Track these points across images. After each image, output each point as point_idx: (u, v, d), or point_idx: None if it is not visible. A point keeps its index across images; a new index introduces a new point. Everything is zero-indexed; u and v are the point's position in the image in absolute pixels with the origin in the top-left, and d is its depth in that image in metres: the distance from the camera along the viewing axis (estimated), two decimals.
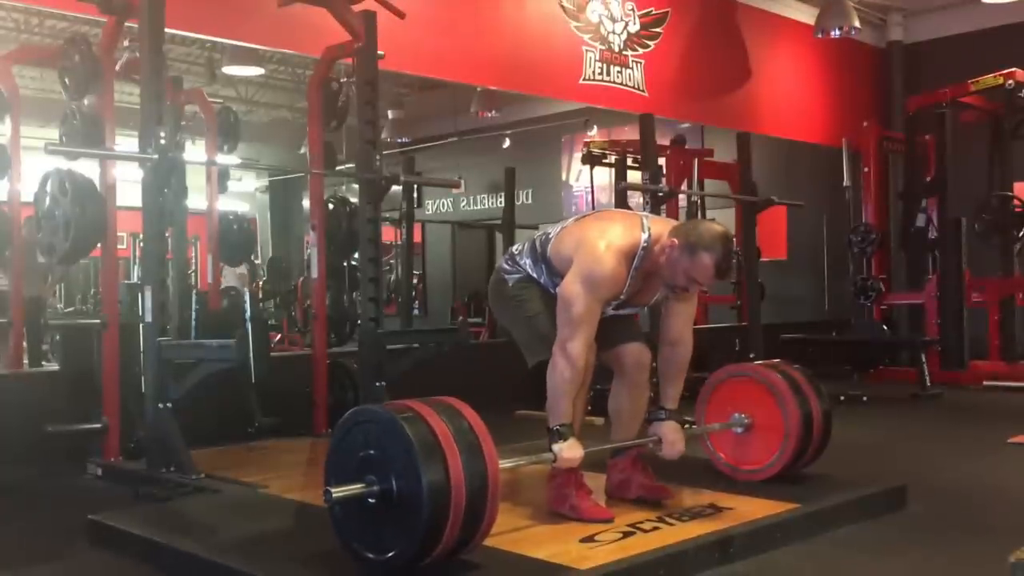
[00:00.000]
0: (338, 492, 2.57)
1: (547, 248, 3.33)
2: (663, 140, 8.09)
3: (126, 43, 5.42)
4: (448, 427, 2.58)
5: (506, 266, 3.49)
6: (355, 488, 2.58)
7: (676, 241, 3.13)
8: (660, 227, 3.23)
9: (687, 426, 5.53)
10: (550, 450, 3.12)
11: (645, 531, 3.02)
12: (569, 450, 3.09)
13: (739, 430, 3.73)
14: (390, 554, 2.57)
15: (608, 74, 7.59)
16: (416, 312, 11.74)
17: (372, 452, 2.61)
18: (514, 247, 3.56)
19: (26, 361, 6.00)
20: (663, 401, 3.46)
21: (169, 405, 4.19)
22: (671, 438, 3.39)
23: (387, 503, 2.56)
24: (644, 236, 3.20)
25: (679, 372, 3.49)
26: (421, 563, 2.57)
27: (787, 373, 3.72)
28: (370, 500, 2.58)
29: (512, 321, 3.50)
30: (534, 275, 3.38)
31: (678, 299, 3.38)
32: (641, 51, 7.85)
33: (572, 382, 3.11)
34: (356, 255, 5.57)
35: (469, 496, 2.53)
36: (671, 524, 3.10)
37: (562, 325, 3.15)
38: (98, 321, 4.62)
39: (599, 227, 3.26)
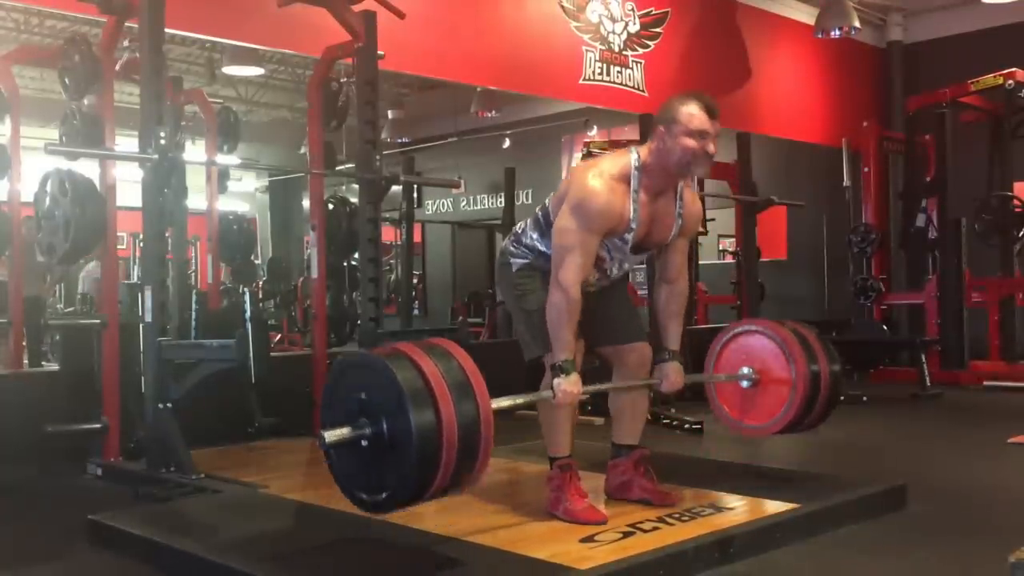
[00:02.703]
0: (331, 436, 2.59)
1: (549, 214, 3.27)
2: None
3: (126, 43, 5.42)
4: (439, 369, 2.59)
5: (511, 248, 3.42)
6: (347, 432, 2.60)
7: (659, 127, 3.15)
8: (649, 147, 3.22)
9: (689, 426, 5.58)
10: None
11: (645, 531, 3.02)
12: (569, 384, 3.07)
13: (746, 384, 3.67)
14: (384, 495, 2.60)
15: (608, 74, 7.59)
16: (416, 312, 11.73)
17: (363, 396, 2.62)
18: (517, 226, 3.47)
19: (26, 361, 6.01)
20: (665, 342, 3.43)
21: (169, 405, 4.19)
22: (673, 378, 3.38)
23: (379, 445, 2.58)
24: (634, 158, 3.18)
25: (679, 310, 3.47)
26: (417, 501, 2.61)
27: (798, 331, 3.68)
28: (363, 443, 2.59)
29: (513, 309, 3.47)
30: (542, 248, 3.30)
31: (679, 234, 3.33)
32: (641, 51, 7.85)
33: (569, 312, 3.09)
34: (356, 255, 5.56)
35: (461, 435, 2.54)
36: (671, 524, 3.10)
37: (555, 258, 3.14)
38: (98, 321, 4.62)
39: (588, 164, 3.28)
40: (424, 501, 2.64)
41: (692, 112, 3.09)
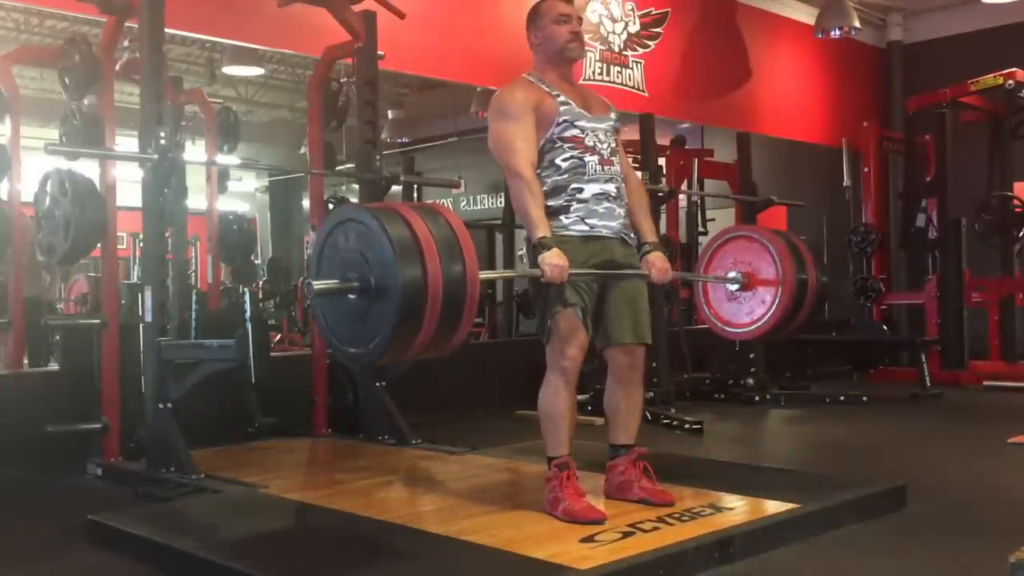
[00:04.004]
0: (319, 285, 2.62)
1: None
2: (663, 140, 8.08)
3: (126, 43, 5.42)
4: (429, 228, 2.64)
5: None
6: (336, 283, 2.64)
7: (528, 31, 3.46)
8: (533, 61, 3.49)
9: (689, 426, 5.58)
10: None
11: (645, 531, 3.02)
12: (552, 257, 3.10)
13: (734, 287, 3.69)
14: (372, 343, 2.64)
15: (608, 74, 7.59)
16: None
17: (353, 251, 2.67)
18: None
19: (26, 361, 6.00)
20: (642, 237, 3.49)
21: (169, 405, 4.19)
22: (660, 266, 3.42)
23: (367, 298, 2.62)
24: (524, 74, 3.44)
25: (641, 202, 3.55)
26: (403, 354, 2.66)
27: (789, 239, 3.70)
28: (351, 296, 2.63)
29: (532, 293, 3.44)
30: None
31: (616, 125, 3.46)
32: (641, 51, 7.85)
33: (531, 192, 3.19)
34: None
35: (447, 291, 2.59)
36: (671, 524, 3.10)
37: (500, 158, 3.29)
38: (98, 321, 4.62)
39: None
40: (411, 356, 2.67)
41: (549, 1, 3.37)
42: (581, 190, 3.30)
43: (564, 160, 3.30)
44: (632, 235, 3.45)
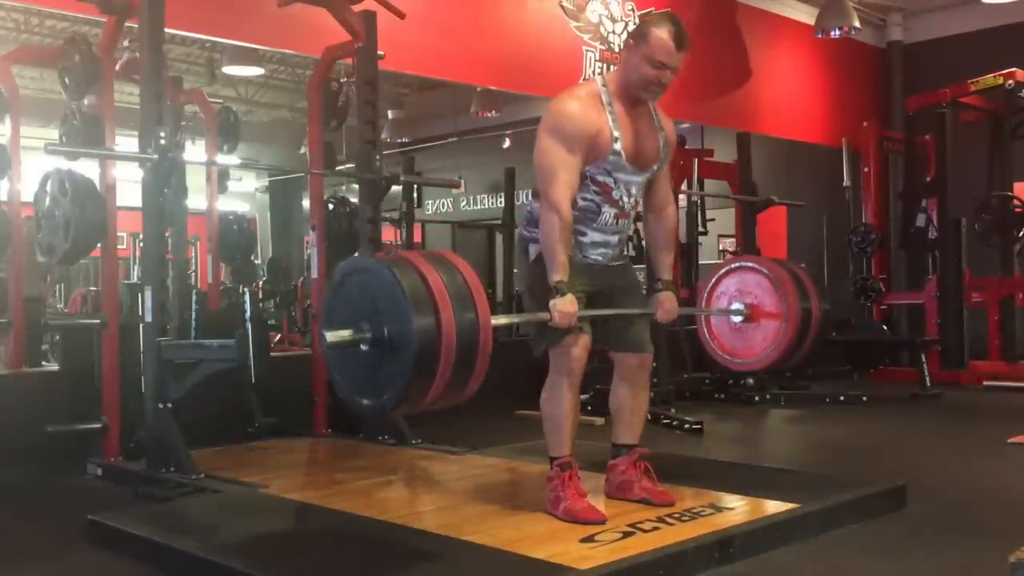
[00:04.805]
0: (332, 337, 2.60)
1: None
2: None
3: (126, 43, 5.42)
4: (442, 278, 2.61)
5: (525, 233, 3.39)
6: (348, 334, 2.62)
7: (630, 39, 3.22)
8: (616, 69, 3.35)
9: (689, 426, 5.58)
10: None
11: (645, 531, 3.02)
12: (564, 304, 3.07)
13: (738, 319, 3.68)
14: (384, 396, 2.62)
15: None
16: None
17: (366, 302, 2.64)
18: (528, 206, 3.40)
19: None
20: (658, 272, 3.46)
21: (169, 405, 4.19)
22: (668, 307, 3.41)
23: (380, 349, 2.60)
24: (599, 80, 3.28)
25: (668, 239, 3.49)
26: (416, 407, 2.64)
27: (791, 269, 3.69)
28: (363, 347, 2.61)
29: (525, 298, 3.47)
30: None
31: (661, 166, 3.37)
32: None
33: (561, 229, 3.09)
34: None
35: (460, 343, 2.57)
36: (671, 524, 3.10)
37: (541, 181, 3.15)
38: (98, 321, 4.62)
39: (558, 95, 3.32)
40: (423, 408, 2.65)
41: (662, 38, 3.15)
42: (585, 234, 3.29)
43: (583, 199, 3.24)
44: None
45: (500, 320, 2.82)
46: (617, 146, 3.20)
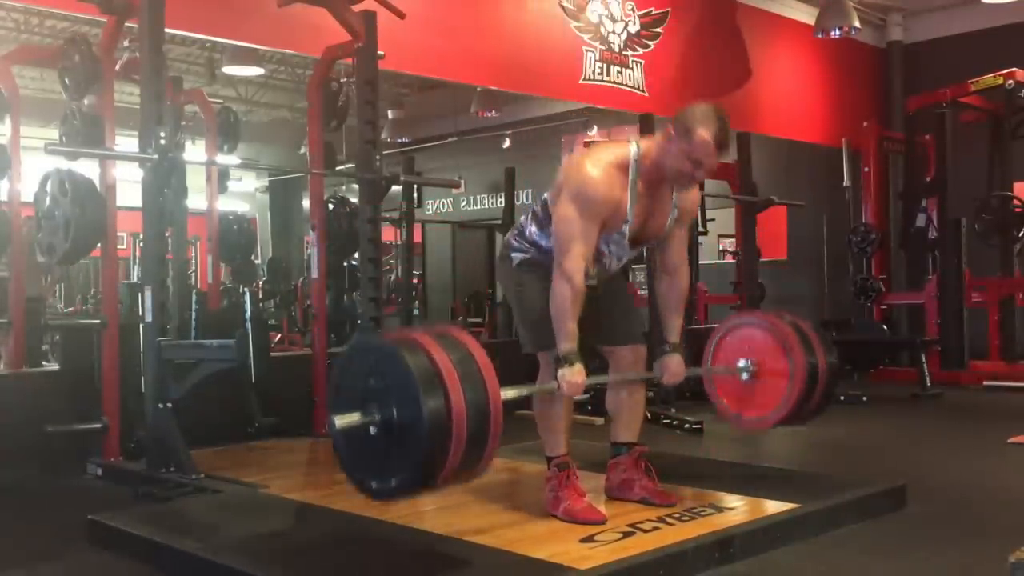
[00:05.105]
0: (341, 421, 2.58)
1: (548, 207, 3.24)
2: None
3: (126, 43, 5.42)
4: (449, 357, 2.58)
5: (513, 242, 3.41)
6: (357, 418, 2.59)
7: (671, 129, 3.11)
8: (649, 142, 3.22)
9: (689, 426, 5.58)
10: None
11: (645, 531, 3.02)
12: (573, 375, 3.06)
13: (744, 377, 3.65)
14: (394, 482, 2.59)
15: (608, 74, 7.59)
16: (416, 312, 11.72)
17: (373, 382, 2.61)
18: (520, 219, 3.45)
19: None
20: (666, 334, 3.43)
21: (169, 405, 4.19)
22: (673, 370, 3.39)
23: (389, 432, 2.57)
24: (633, 150, 3.18)
25: (680, 302, 3.46)
26: (425, 490, 2.61)
27: (795, 323, 3.67)
28: (372, 430, 2.59)
29: (512, 303, 3.47)
30: (542, 243, 3.29)
31: (676, 224, 3.33)
32: (641, 51, 7.85)
33: (574, 301, 3.06)
34: (356, 255, 5.56)
35: (470, 423, 2.54)
36: (671, 524, 3.10)
37: (557, 247, 3.12)
38: (98, 321, 4.62)
39: (587, 152, 3.24)
40: (430, 490, 2.64)
41: (705, 140, 3.04)
42: None
43: None
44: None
45: (509, 393, 2.81)
46: (625, 228, 3.19)
